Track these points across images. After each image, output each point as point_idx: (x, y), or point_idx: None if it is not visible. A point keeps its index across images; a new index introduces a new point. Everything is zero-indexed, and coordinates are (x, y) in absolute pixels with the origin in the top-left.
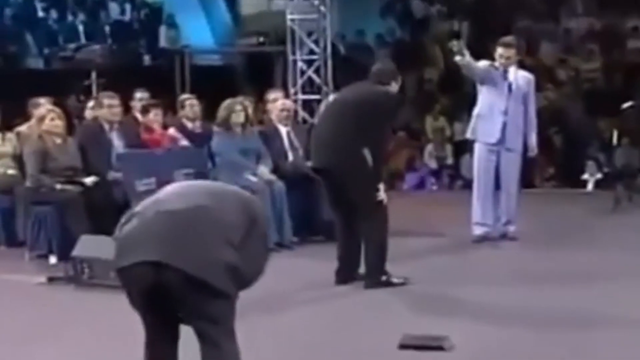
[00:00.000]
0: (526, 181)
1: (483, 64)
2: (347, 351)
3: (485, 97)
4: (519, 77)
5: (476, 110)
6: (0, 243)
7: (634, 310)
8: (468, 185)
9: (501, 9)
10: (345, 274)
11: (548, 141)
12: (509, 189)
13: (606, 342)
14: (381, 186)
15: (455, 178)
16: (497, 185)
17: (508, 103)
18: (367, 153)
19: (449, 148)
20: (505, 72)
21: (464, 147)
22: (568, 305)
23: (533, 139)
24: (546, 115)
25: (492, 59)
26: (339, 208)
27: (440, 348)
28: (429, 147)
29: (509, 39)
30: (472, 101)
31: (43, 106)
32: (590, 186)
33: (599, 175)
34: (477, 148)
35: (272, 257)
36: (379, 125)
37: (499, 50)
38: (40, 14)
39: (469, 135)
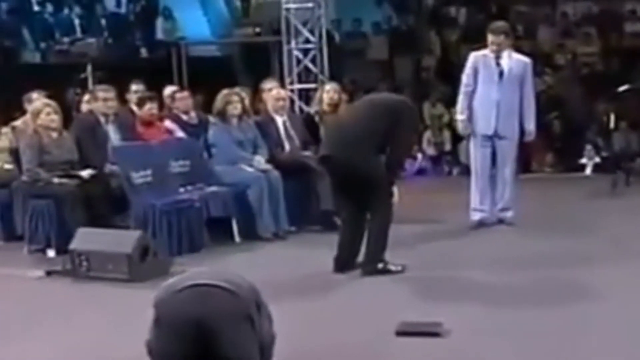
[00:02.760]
0: (524, 166)
1: (472, 56)
2: (343, 339)
3: (479, 88)
4: (513, 62)
5: (474, 102)
6: None
7: (629, 291)
8: (466, 171)
9: None
10: (344, 262)
11: (546, 125)
12: (504, 176)
13: (601, 323)
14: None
15: (453, 164)
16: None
17: (500, 91)
18: (381, 157)
19: (447, 135)
20: (498, 58)
21: None
22: (564, 288)
23: (531, 124)
24: (544, 99)
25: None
26: (345, 197)
27: (436, 334)
28: (427, 134)
29: (497, 24)
30: None
31: (38, 100)
32: (588, 170)
33: (597, 159)
34: (473, 137)
35: (268, 247)
36: (402, 133)
37: (489, 38)
38: (36, 7)
39: (462, 131)
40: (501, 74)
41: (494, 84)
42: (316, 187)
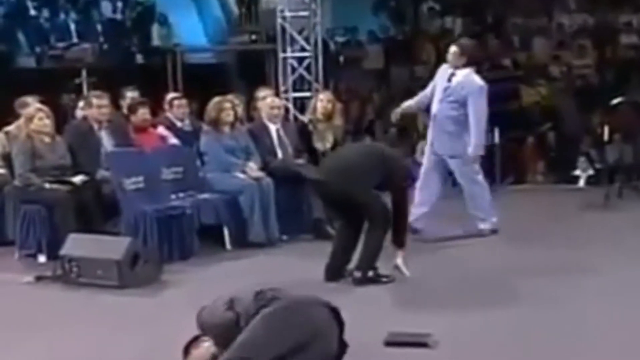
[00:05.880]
0: (518, 176)
1: (441, 68)
2: None
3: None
4: (464, 82)
5: None
6: None
7: (618, 300)
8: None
9: (494, 5)
10: (335, 270)
11: (540, 137)
12: (467, 192)
13: (594, 333)
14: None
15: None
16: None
17: (439, 106)
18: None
19: None
20: (452, 75)
21: None
22: (553, 299)
23: (473, 143)
24: (538, 110)
25: (485, 55)
26: (338, 214)
27: (424, 345)
28: (421, 144)
29: (459, 40)
30: None
31: (31, 105)
32: (581, 182)
33: (590, 171)
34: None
35: (259, 255)
36: (400, 200)
37: None
38: (32, 12)
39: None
40: (445, 90)
41: (437, 99)
42: (308, 196)
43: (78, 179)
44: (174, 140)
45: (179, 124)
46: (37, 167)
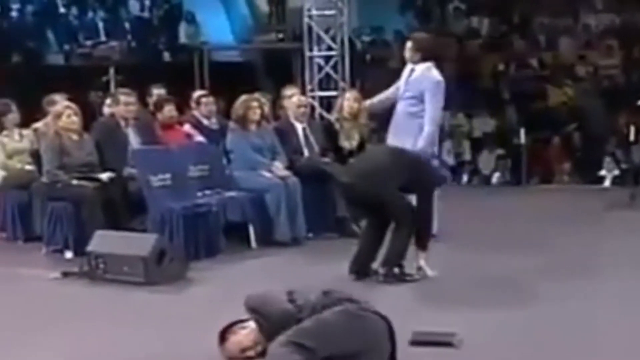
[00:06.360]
0: (544, 176)
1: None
2: None
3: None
4: (421, 77)
5: None
6: (18, 238)
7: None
8: (486, 181)
9: (520, 5)
10: (360, 266)
11: (566, 137)
12: None
13: (622, 336)
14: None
15: (473, 174)
16: None
17: (399, 105)
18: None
19: (466, 144)
20: (412, 71)
21: (481, 144)
22: (577, 299)
23: (423, 138)
24: (564, 111)
25: (510, 54)
26: (365, 214)
27: (449, 344)
28: (447, 144)
29: (413, 34)
30: (489, 98)
31: (59, 103)
32: (607, 182)
33: (616, 172)
34: None
35: (285, 253)
36: (424, 204)
37: None
38: (61, 10)
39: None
40: (405, 86)
41: (400, 97)
42: (334, 194)
43: (105, 176)
44: (200, 138)
45: (205, 121)
46: (65, 164)
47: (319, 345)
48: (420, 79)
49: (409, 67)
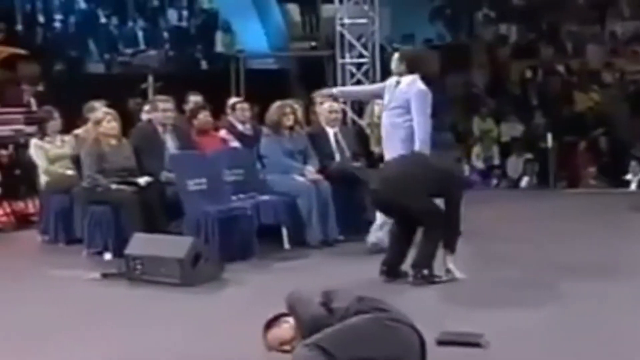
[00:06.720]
0: (570, 180)
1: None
2: None
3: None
4: (407, 88)
5: None
6: (59, 240)
7: None
8: (514, 185)
9: (548, 13)
10: (390, 269)
11: (593, 142)
12: None
13: None
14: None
15: (501, 178)
16: None
17: (385, 115)
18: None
19: (495, 149)
20: (398, 83)
21: (509, 148)
22: (602, 300)
23: (418, 141)
24: (591, 116)
25: (538, 62)
26: (394, 218)
27: (476, 344)
28: (476, 148)
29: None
30: (518, 103)
31: (99, 109)
32: (633, 186)
33: None
34: None
35: (316, 255)
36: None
37: None
38: (102, 20)
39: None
40: (391, 97)
41: (385, 108)
42: (364, 198)
43: (143, 180)
44: (234, 143)
45: (240, 127)
46: (104, 169)
47: (341, 350)
48: (406, 89)
49: (393, 79)
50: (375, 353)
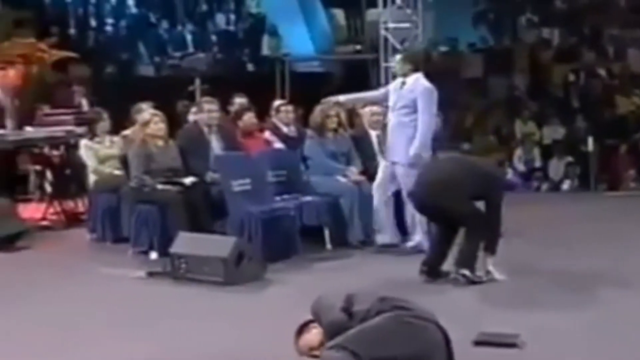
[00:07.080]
0: (611, 183)
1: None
2: None
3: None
4: (413, 87)
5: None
6: (107, 239)
7: None
8: (555, 187)
9: (590, 17)
10: (431, 269)
11: (633, 145)
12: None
13: None
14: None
15: (543, 180)
16: None
17: (393, 115)
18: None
19: (537, 152)
20: (403, 84)
21: (551, 151)
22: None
23: (417, 142)
24: (632, 119)
25: (580, 65)
26: (435, 220)
27: (512, 345)
28: (518, 151)
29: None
30: (559, 107)
31: (147, 111)
32: None
33: None
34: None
35: (358, 255)
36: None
37: None
38: (153, 23)
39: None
40: (397, 97)
41: (391, 108)
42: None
43: (188, 180)
44: (278, 145)
45: (284, 129)
46: (151, 169)
47: (364, 350)
48: (412, 88)
49: (398, 80)
50: (398, 351)
